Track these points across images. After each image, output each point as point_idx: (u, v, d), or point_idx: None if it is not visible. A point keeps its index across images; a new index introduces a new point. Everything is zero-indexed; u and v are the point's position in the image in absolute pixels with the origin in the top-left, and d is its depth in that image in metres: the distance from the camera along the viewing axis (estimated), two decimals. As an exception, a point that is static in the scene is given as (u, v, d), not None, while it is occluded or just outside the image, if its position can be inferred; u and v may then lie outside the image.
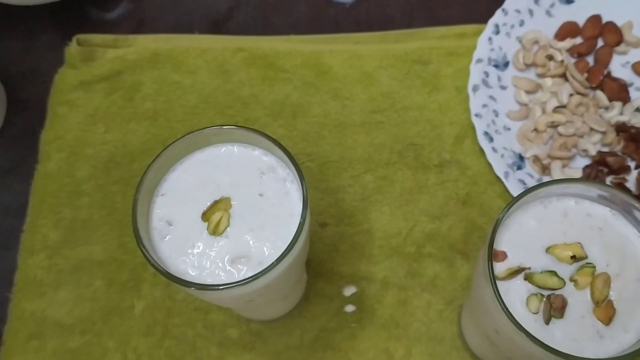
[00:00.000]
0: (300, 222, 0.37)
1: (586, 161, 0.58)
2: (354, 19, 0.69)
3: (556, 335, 0.35)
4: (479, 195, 0.58)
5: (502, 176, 0.56)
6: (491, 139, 0.58)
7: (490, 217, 0.57)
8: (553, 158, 0.57)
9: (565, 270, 0.37)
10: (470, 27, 0.65)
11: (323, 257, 0.56)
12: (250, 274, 0.36)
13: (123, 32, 0.69)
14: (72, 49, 0.66)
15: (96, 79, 0.65)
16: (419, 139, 0.61)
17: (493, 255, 0.37)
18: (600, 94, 0.60)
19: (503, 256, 0.37)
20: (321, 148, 0.61)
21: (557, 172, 0.56)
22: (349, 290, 0.55)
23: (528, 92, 0.61)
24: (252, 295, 0.39)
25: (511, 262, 0.37)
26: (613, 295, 0.36)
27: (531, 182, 0.56)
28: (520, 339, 0.34)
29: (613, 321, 0.35)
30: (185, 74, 0.65)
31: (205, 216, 0.39)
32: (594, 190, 0.38)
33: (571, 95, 0.60)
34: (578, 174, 0.57)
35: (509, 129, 0.60)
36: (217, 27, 0.70)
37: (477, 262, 0.39)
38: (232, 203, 0.39)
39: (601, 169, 0.57)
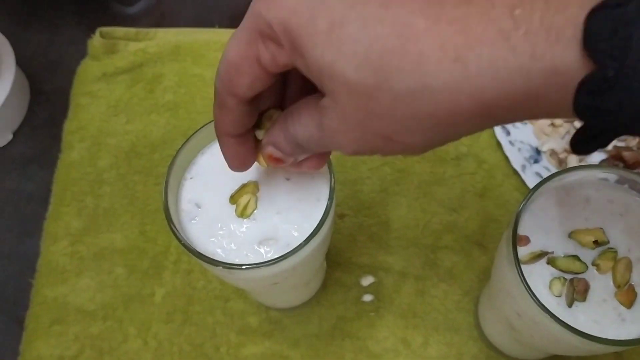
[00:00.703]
0: (327, 204, 0.38)
1: (602, 156, 0.59)
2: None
3: (579, 318, 0.36)
4: (496, 188, 0.59)
5: (519, 169, 0.57)
6: (508, 133, 0.59)
7: (506, 210, 0.58)
8: (569, 152, 0.58)
9: (588, 255, 0.37)
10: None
11: (341, 247, 0.57)
12: (277, 256, 0.37)
13: (144, 25, 0.70)
14: (95, 41, 0.67)
15: (118, 71, 0.66)
16: (437, 132, 0.62)
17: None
18: None
19: (526, 240, 0.38)
20: (340, 140, 0.62)
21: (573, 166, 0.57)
22: (367, 280, 0.56)
23: None
24: (278, 278, 0.39)
25: (534, 247, 0.38)
26: (635, 279, 0.36)
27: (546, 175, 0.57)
28: (543, 321, 0.35)
29: (635, 304, 0.36)
30: (205, 67, 0.66)
31: (233, 199, 0.40)
32: (615, 176, 0.38)
33: (587, 90, 0.60)
34: None
35: (525, 123, 0.60)
36: (237, 21, 0.69)
37: (500, 246, 0.40)
38: (259, 187, 0.40)
39: (617, 164, 0.58)
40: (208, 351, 0.54)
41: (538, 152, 0.59)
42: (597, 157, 0.59)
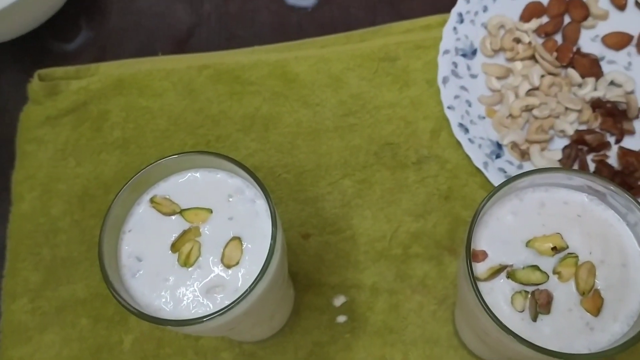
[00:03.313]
0: (271, 244, 0.36)
1: (565, 142, 0.57)
2: (317, 23, 0.68)
3: (545, 331, 0.34)
4: (461, 189, 0.57)
5: (481, 167, 0.55)
6: (467, 130, 0.57)
7: (474, 210, 0.56)
8: (531, 142, 0.56)
9: (548, 263, 0.36)
10: (435, 18, 0.64)
11: (309, 269, 0.55)
12: (227, 302, 0.35)
13: (86, 61, 0.67)
14: (34, 85, 0.65)
15: (62, 112, 0.64)
16: (394, 137, 0.60)
17: (473, 256, 0.36)
18: (572, 71, 0.59)
19: (483, 255, 0.36)
20: (296, 158, 0.60)
21: (536, 156, 0.55)
22: (339, 300, 0.54)
23: (499, 78, 0.60)
24: (233, 324, 0.38)
25: (492, 261, 0.36)
26: (599, 283, 0.35)
27: (511, 170, 0.55)
28: (507, 340, 0.33)
29: (602, 311, 0.34)
30: (152, 98, 0.64)
31: (175, 247, 0.38)
32: (567, 177, 0.37)
33: (542, 76, 0.59)
34: (558, 155, 0.56)
35: (483, 117, 0.59)
36: (181, 46, 0.68)
37: (458, 263, 0.38)
38: (201, 231, 0.38)
39: (581, 148, 0.56)
40: (183, 395, 0.52)
41: (499, 146, 0.57)
42: (559, 143, 0.57)
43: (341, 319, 0.53)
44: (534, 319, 0.34)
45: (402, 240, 0.56)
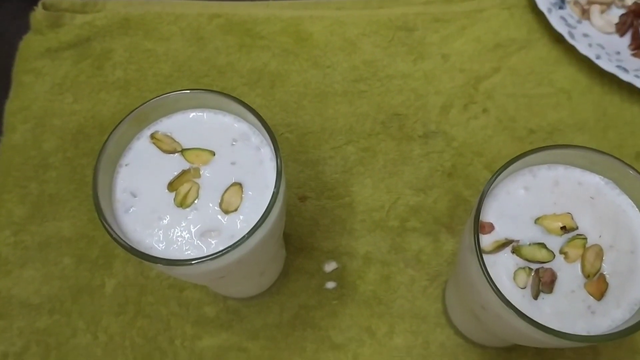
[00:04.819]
0: (273, 192, 0.34)
1: (621, 10, 0.61)
2: (335, -16, 0.66)
3: (545, 310, 0.33)
4: (465, 167, 0.56)
5: (545, 11, 0.59)
6: None
7: (476, 190, 0.55)
8: (592, 2, 0.60)
9: (555, 242, 0.35)
10: (457, -8, 0.62)
11: (303, 232, 0.54)
12: (221, 248, 0.34)
13: (92, -4, 0.65)
14: (38, 13, 0.62)
15: (63, 45, 0.62)
16: (403, 108, 0.58)
17: (479, 227, 0.35)
18: None
19: (490, 228, 0.35)
20: (301, 118, 0.58)
21: (595, 16, 0.60)
22: (330, 266, 0.53)
23: None
24: (223, 272, 0.36)
25: (498, 234, 0.35)
26: (606, 268, 0.34)
27: (572, 22, 0.60)
28: (507, 315, 0.32)
29: (605, 296, 0.33)
30: (158, 41, 0.62)
31: (172, 187, 0.36)
32: (585, 156, 0.36)
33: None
34: (615, 20, 0.61)
35: None
36: (193, -8, 0.66)
37: (463, 234, 0.37)
38: (201, 172, 0.37)
39: (637, 19, 0.60)
40: (162, 344, 0.51)
41: (562, 0, 0.60)
42: (616, 12, 0.61)
43: (330, 285, 0.52)
44: (536, 297, 0.33)
45: (400, 212, 0.54)
